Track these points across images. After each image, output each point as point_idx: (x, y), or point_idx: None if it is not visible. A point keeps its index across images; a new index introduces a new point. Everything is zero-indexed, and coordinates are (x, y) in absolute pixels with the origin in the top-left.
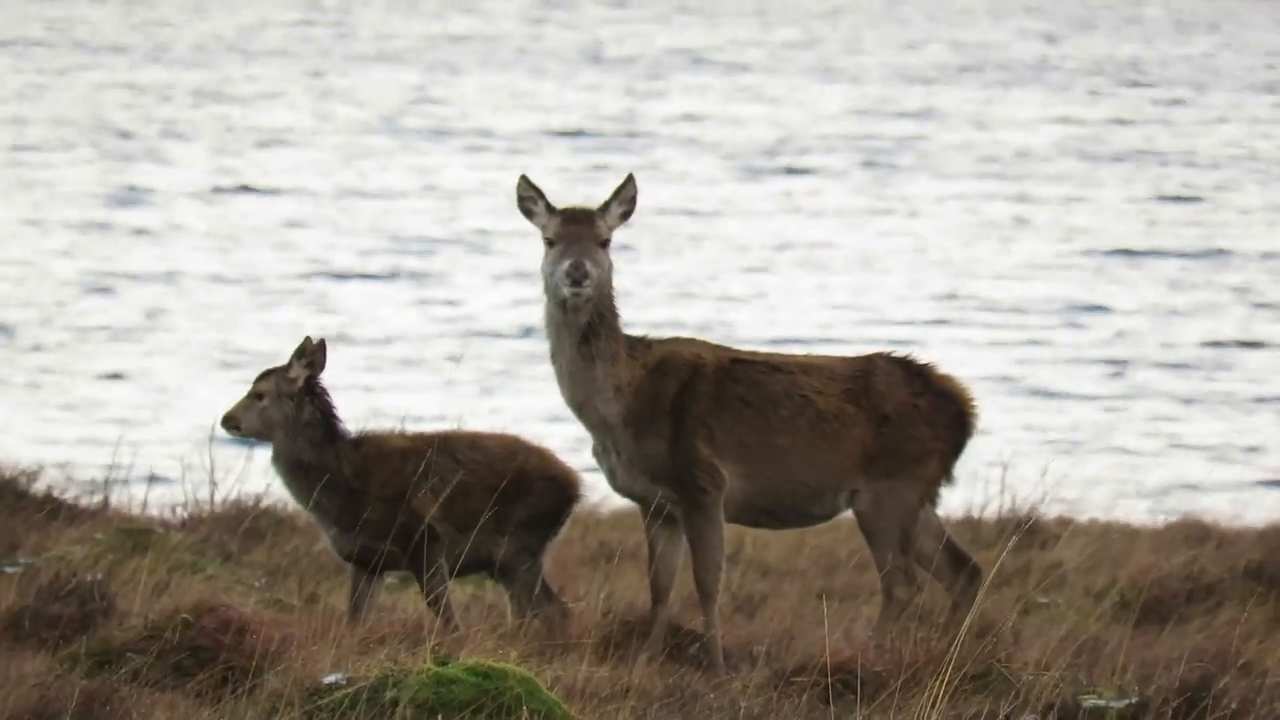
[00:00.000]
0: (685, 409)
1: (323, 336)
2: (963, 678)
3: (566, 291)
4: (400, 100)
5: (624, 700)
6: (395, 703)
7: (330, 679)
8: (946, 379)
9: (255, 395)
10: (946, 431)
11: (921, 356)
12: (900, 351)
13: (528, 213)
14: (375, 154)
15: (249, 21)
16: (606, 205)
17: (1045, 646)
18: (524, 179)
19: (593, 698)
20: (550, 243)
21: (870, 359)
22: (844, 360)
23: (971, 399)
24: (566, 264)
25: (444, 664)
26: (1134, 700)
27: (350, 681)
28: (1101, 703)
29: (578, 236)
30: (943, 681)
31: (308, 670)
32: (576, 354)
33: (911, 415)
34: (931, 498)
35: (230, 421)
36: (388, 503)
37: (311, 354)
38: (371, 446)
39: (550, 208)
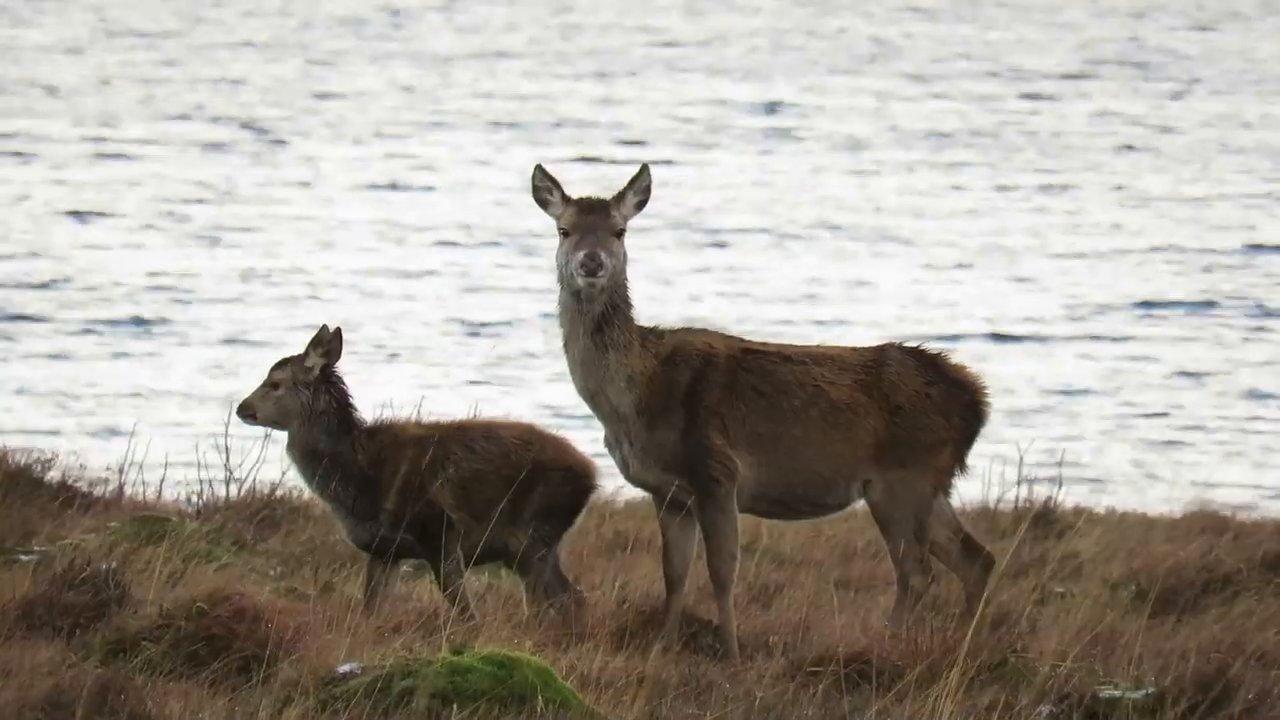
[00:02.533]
0: (698, 399)
1: (339, 325)
2: (978, 668)
3: (581, 281)
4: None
5: (639, 690)
6: (410, 692)
7: (345, 668)
8: (959, 368)
9: (271, 384)
10: (959, 421)
11: (933, 346)
12: (911, 341)
13: (543, 203)
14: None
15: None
16: (622, 195)
17: (1061, 637)
18: (539, 168)
19: (608, 687)
20: (565, 232)
21: (882, 349)
22: (855, 350)
23: (984, 388)
24: (581, 254)
25: (459, 653)
26: (1150, 691)
27: (365, 671)
28: (1118, 693)
29: (593, 226)
30: (958, 672)
31: (322, 659)
32: (590, 343)
33: (924, 405)
34: (945, 487)
35: (246, 410)
36: (403, 491)
37: (328, 343)
38: (387, 435)
39: (566, 197)
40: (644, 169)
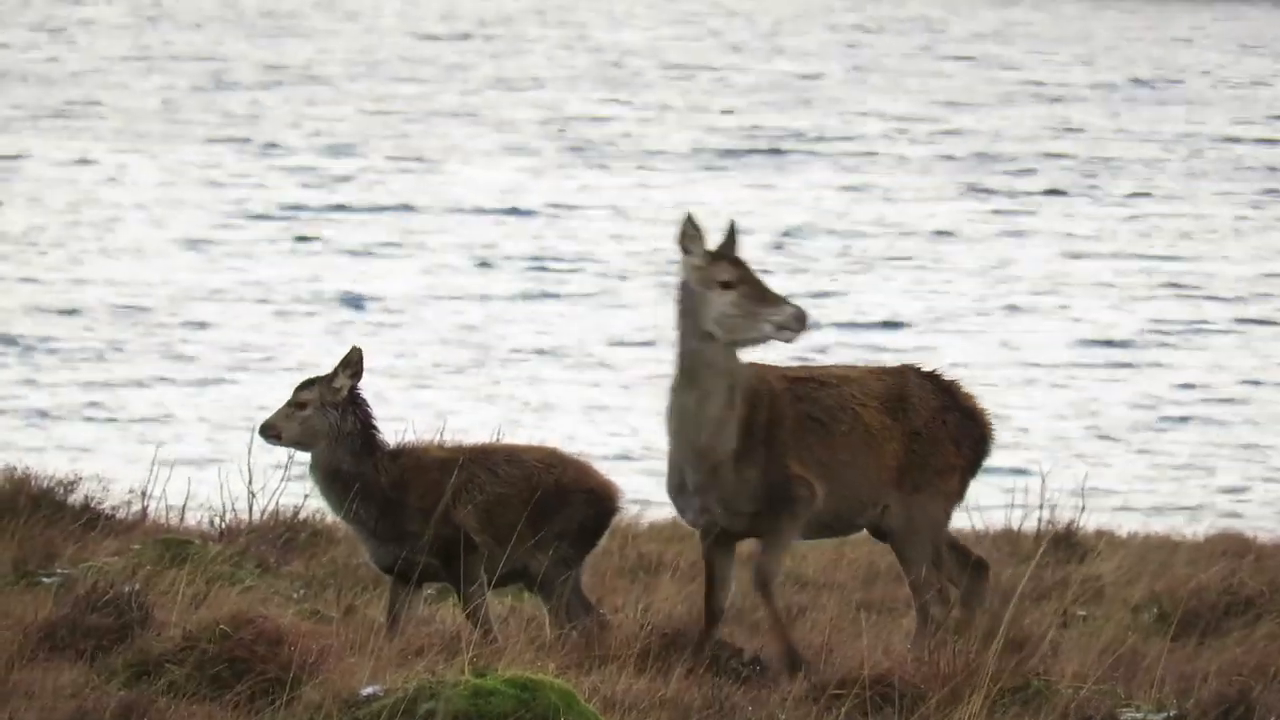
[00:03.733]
0: (774, 433)
1: (360, 347)
2: (1001, 691)
3: (786, 335)
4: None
5: (662, 712)
6: (433, 714)
7: (368, 690)
8: (971, 397)
9: (297, 405)
10: (969, 450)
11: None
12: (927, 365)
13: (687, 251)
14: None
15: None
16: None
17: (1083, 659)
18: (690, 218)
19: (631, 709)
20: (727, 285)
21: (902, 371)
22: (875, 372)
23: (990, 420)
24: (792, 310)
25: (482, 675)
26: (1172, 713)
27: (388, 693)
28: (1139, 716)
29: (760, 280)
30: (981, 694)
31: (345, 682)
32: (725, 399)
33: (940, 431)
34: (950, 514)
35: (270, 431)
36: (426, 514)
37: (355, 364)
38: (410, 458)
39: (715, 250)
40: (732, 228)
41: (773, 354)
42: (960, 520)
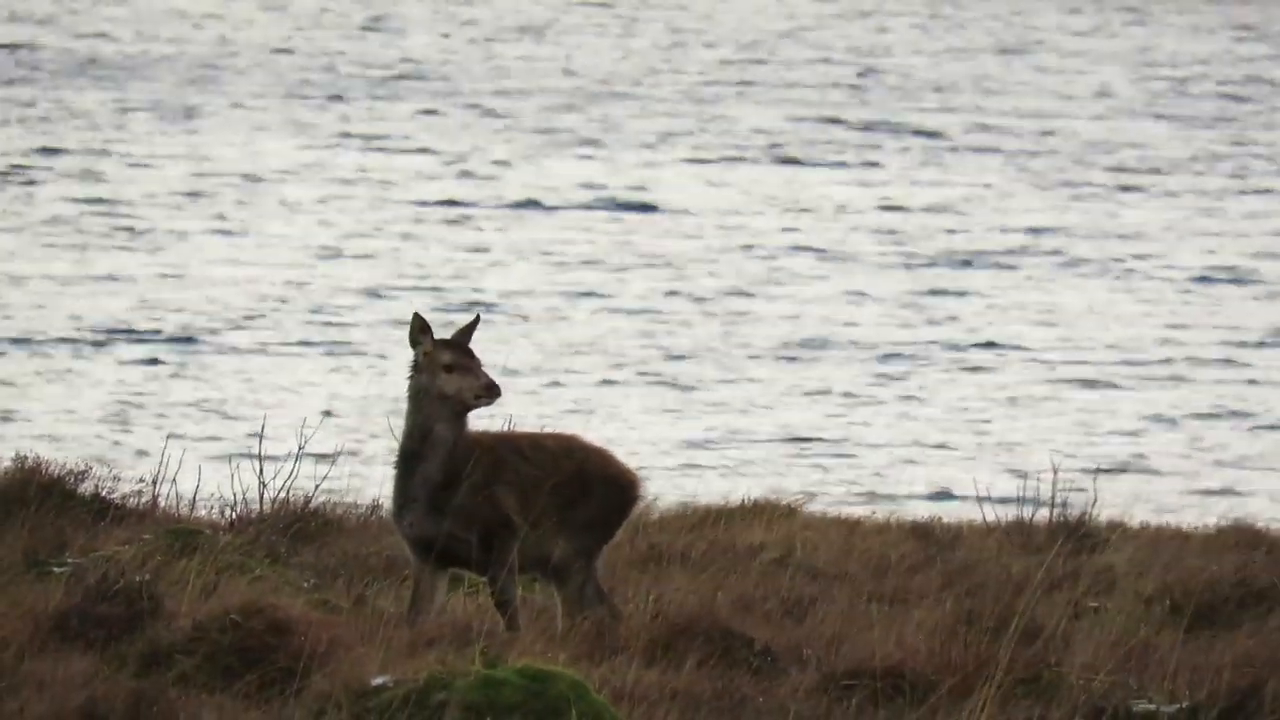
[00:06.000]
0: None
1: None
2: (1012, 682)
3: None
4: None
5: (672, 704)
6: (444, 705)
7: (378, 681)
8: None
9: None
10: None
11: None
12: None
13: None
14: None
15: None
16: None
17: (1095, 651)
18: None
19: (641, 701)
20: None
21: None
22: None
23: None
24: None
25: (493, 666)
26: (1184, 705)
27: (398, 683)
28: (1152, 707)
29: None
30: (992, 686)
31: (356, 672)
32: None
33: None
34: None
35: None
36: (473, 490)
37: (472, 328)
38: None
39: None
40: None
41: None
42: (972, 511)
